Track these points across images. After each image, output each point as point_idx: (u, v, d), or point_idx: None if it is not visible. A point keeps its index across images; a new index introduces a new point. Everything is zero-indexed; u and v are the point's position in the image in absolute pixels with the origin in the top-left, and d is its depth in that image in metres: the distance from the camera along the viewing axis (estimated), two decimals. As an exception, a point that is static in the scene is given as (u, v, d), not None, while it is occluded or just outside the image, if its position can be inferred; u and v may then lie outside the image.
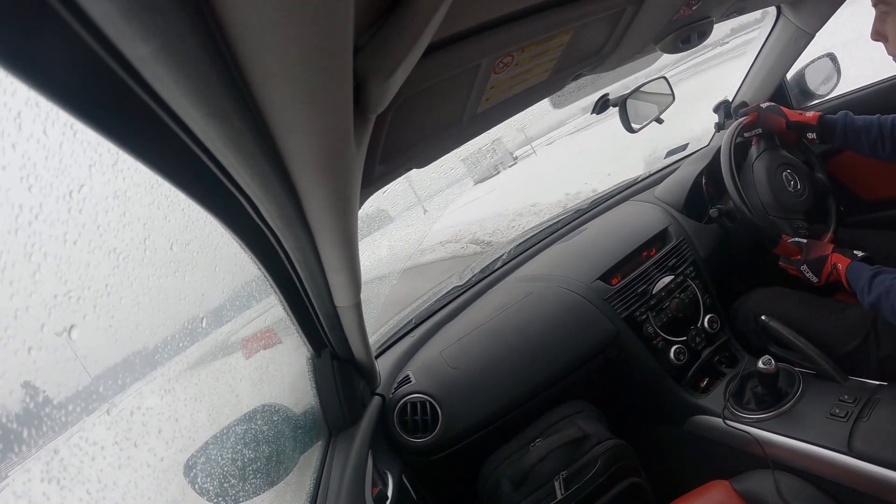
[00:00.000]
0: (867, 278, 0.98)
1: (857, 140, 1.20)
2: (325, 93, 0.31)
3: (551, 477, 1.06)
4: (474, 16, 0.51)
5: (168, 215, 0.51)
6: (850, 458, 0.92)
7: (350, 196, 0.46)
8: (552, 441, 1.12)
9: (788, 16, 1.42)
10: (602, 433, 1.14)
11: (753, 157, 1.34)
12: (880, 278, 0.96)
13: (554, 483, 1.05)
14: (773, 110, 1.32)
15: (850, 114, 1.22)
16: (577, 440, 1.11)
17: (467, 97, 0.63)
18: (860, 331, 1.08)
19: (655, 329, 1.27)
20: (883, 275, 0.96)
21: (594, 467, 1.07)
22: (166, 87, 0.27)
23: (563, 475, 1.06)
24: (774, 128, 1.32)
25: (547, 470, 1.08)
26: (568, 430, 1.13)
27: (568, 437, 1.12)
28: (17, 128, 0.32)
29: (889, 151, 1.16)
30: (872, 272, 0.98)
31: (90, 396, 0.46)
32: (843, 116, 1.22)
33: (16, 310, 0.37)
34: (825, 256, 1.11)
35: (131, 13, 0.21)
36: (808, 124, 1.26)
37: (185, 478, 0.67)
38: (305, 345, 0.90)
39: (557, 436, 1.13)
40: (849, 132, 1.21)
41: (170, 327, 0.61)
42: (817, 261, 1.13)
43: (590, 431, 1.13)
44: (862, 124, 1.19)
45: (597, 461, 1.07)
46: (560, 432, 1.14)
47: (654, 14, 0.78)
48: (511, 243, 1.66)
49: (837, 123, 1.22)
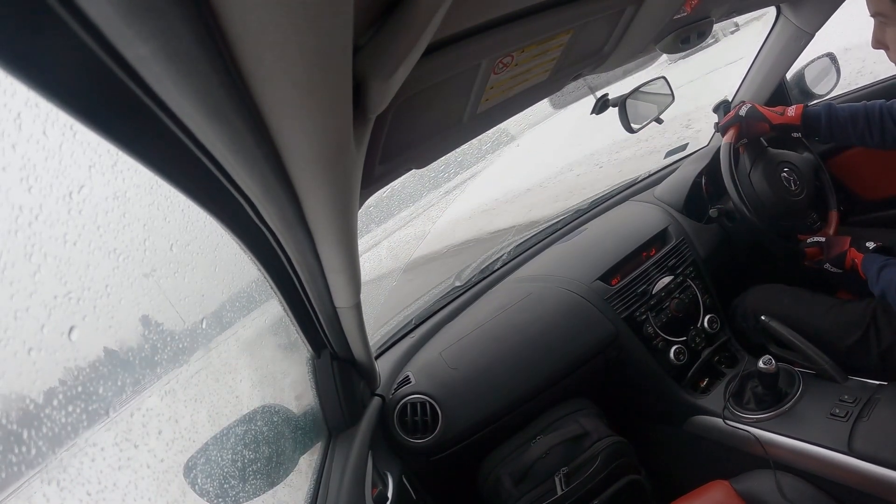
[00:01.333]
0: (876, 270, 1.03)
1: (842, 131, 1.19)
2: (325, 93, 0.31)
3: (552, 473, 1.07)
4: (474, 16, 0.51)
5: (168, 216, 0.51)
6: (851, 457, 0.92)
7: (350, 196, 0.46)
8: (552, 438, 1.12)
9: (788, 16, 1.42)
10: (602, 430, 1.14)
11: (748, 166, 1.33)
12: (887, 271, 1.01)
13: (554, 479, 1.06)
14: (753, 115, 1.28)
15: (834, 105, 1.20)
16: (577, 437, 1.12)
17: (467, 97, 0.63)
18: (860, 325, 1.08)
19: (655, 329, 1.27)
20: (888, 268, 1.02)
21: (594, 464, 1.07)
22: (166, 87, 0.27)
23: (564, 471, 1.06)
24: (759, 134, 1.30)
25: (547, 466, 1.08)
26: (568, 427, 1.14)
27: (568, 433, 1.12)
28: (16, 128, 0.32)
29: (878, 140, 1.15)
30: (880, 265, 1.03)
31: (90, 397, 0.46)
32: (825, 108, 1.20)
33: (16, 310, 0.37)
34: (843, 253, 1.15)
35: (131, 14, 0.21)
36: (790, 125, 1.24)
37: (185, 479, 0.67)
38: (305, 345, 0.90)
39: (558, 432, 1.13)
40: (833, 125, 1.19)
41: (170, 328, 0.61)
42: (838, 257, 1.16)
43: (590, 428, 1.13)
44: (847, 114, 1.17)
45: (597, 458, 1.08)
46: (561, 429, 1.14)
47: (654, 14, 0.78)
48: (511, 243, 1.66)
49: (822, 117, 1.20)
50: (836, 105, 1.20)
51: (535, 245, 1.60)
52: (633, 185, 1.77)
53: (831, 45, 1.59)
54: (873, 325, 1.07)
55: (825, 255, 1.19)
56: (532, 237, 1.65)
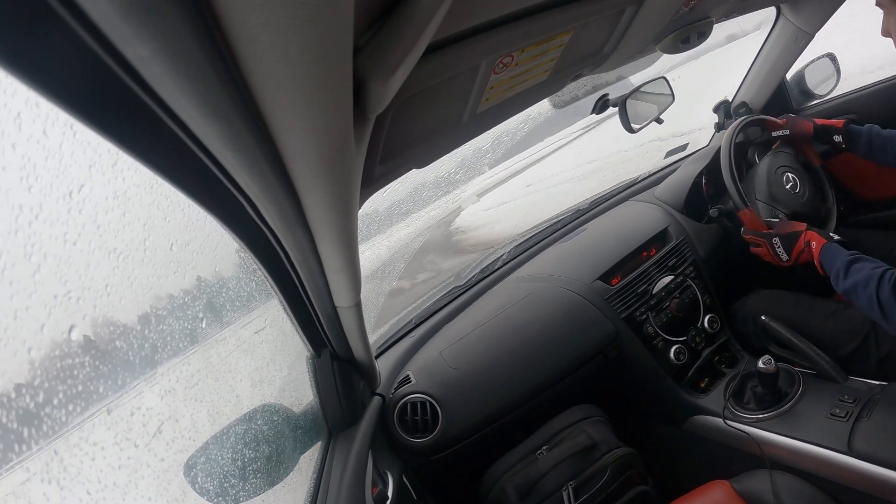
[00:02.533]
0: (844, 262, 0.94)
1: (881, 148, 1.21)
2: (325, 93, 0.31)
3: (559, 486, 1.04)
4: (474, 16, 0.51)
5: (168, 216, 0.51)
6: (851, 458, 0.92)
7: (350, 196, 0.46)
8: (561, 451, 1.10)
9: (788, 16, 1.42)
10: (611, 440, 1.12)
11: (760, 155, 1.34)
12: (859, 265, 0.92)
13: (562, 493, 1.03)
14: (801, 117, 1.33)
15: (877, 126, 1.23)
16: (585, 449, 1.09)
17: (467, 97, 0.63)
18: (860, 331, 1.08)
19: (655, 329, 1.27)
20: (862, 262, 0.92)
21: (603, 477, 1.05)
22: (166, 87, 0.27)
23: (572, 485, 1.04)
24: (802, 131, 1.32)
25: (555, 480, 1.06)
26: (576, 439, 1.11)
27: (577, 446, 1.10)
28: (17, 128, 0.32)
29: None
30: (850, 257, 0.95)
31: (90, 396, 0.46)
32: (868, 127, 1.24)
33: (16, 310, 0.37)
34: (798, 232, 1.07)
35: (131, 14, 0.21)
36: (834, 127, 1.27)
37: (185, 478, 0.67)
38: (305, 345, 0.90)
39: (566, 445, 1.11)
40: (874, 141, 1.21)
41: (169, 327, 0.61)
42: (789, 236, 1.09)
43: (598, 439, 1.11)
44: (887, 134, 1.20)
45: (606, 470, 1.06)
46: (568, 441, 1.12)
47: (654, 14, 0.78)
48: (511, 243, 1.66)
49: (863, 132, 1.23)
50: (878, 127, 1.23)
51: (535, 245, 1.60)
52: (633, 185, 1.78)
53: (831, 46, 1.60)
54: (872, 332, 1.06)
55: (776, 230, 1.12)
56: (532, 237, 1.65)
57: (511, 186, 7.86)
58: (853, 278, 0.91)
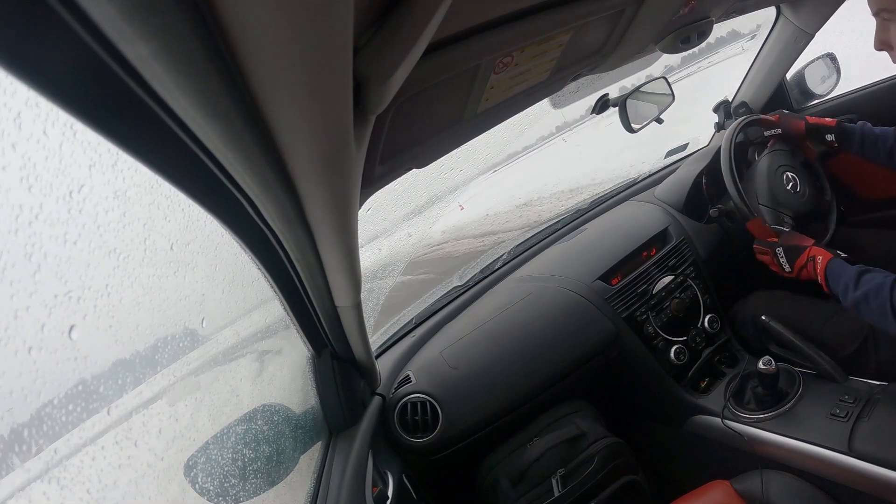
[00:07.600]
0: (854, 274, 0.94)
1: (873, 147, 1.20)
2: (325, 93, 0.31)
3: (549, 474, 1.07)
4: (474, 16, 0.51)
5: (168, 216, 0.51)
6: (851, 458, 0.92)
7: (350, 196, 0.46)
8: (549, 439, 1.12)
9: (788, 16, 1.42)
10: (599, 431, 1.14)
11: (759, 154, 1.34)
12: (870, 276, 0.92)
13: (551, 480, 1.06)
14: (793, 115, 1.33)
15: (868, 123, 1.23)
16: (574, 438, 1.12)
17: (467, 97, 0.63)
18: (859, 334, 1.08)
19: (656, 329, 1.27)
20: (872, 273, 0.93)
21: (591, 465, 1.07)
22: (166, 87, 0.27)
23: (561, 472, 1.07)
24: (794, 129, 1.32)
25: (544, 467, 1.08)
26: (565, 429, 1.14)
27: (565, 434, 1.12)
28: (17, 128, 0.32)
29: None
30: (859, 269, 0.95)
31: (90, 396, 0.46)
32: (861, 125, 1.23)
33: (16, 310, 0.37)
34: (803, 247, 1.07)
35: (131, 13, 0.21)
36: (826, 126, 1.26)
37: (185, 477, 0.67)
38: (305, 345, 0.90)
39: (554, 434, 1.13)
40: (866, 139, 1.21)
41: (170, 328, 0.61)
42: (794, 248, 1.09)
43: (586, 429, 1.13)
44: (879, 132, 1.20)
45: (593, 459, 1.08)
46: (557, 430, 1.14)
47: (654, 14, 0.78)
48: (512, 242, 1.66)
49: (855, 130, 1.23)
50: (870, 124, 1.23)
51: (535, 245, 1.60)
52: (633, 184, 1.78)
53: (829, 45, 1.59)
54: (871, 335, 1.06)
55: (781, 240, 1.12)
56: (532, 237, 1.65)
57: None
58: (864, 288, 0.91)
